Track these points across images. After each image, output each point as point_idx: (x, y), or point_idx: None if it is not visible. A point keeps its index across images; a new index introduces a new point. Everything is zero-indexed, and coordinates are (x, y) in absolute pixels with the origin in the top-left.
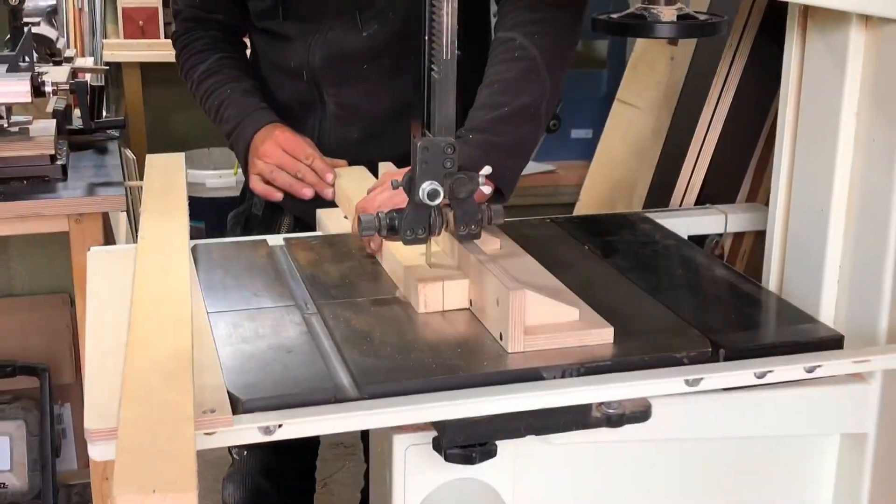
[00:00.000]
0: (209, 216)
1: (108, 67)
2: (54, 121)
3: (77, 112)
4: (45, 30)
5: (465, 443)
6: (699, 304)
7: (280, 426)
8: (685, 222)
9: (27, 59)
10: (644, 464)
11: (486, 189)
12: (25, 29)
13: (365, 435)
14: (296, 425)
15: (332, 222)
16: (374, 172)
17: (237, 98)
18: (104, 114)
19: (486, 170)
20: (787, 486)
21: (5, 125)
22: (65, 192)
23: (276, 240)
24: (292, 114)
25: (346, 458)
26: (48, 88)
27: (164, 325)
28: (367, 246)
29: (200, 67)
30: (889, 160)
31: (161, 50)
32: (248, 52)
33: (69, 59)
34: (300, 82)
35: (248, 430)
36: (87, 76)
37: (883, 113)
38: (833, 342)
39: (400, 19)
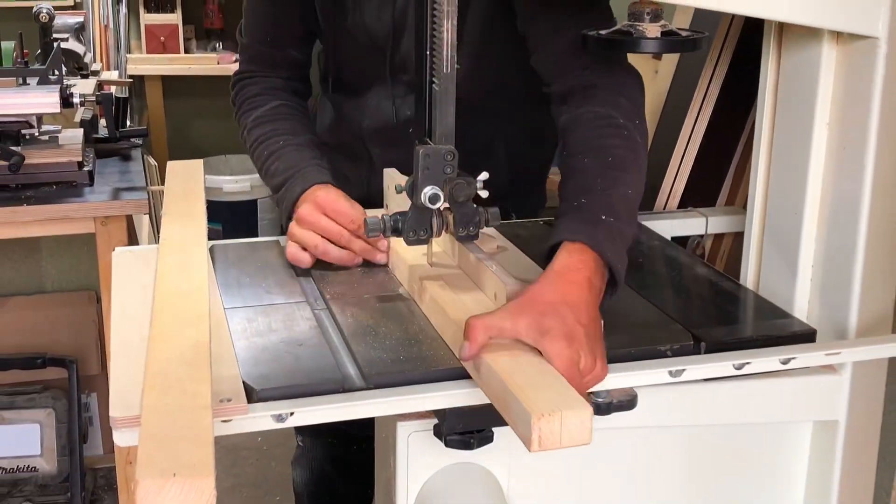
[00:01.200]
0: (226, 218)
1: (131, 80)
2: (82, 130)
3: (103, 122)
4: (73, 45)
5: (464, 429)
6: (682, 301)
7: (292, 414)
8: (669, 224)
9: (56, 72)
10: (630, 449)
11: (483, 194)
12: (55, 44)
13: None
14: (306, 413)
15: None
16: None
17: (289, 151)
18: (128, 123)
19: (484, 175)
20: (764, 469)
21: (36, 134)
22: (91, 196)
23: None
24: (342, 162)
25: None
26: (76, 100)
27: (184, 320)
28: (374, 257)
29: (254, 113)
30: (859, 167)
31: (181, 64)
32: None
33: (95, 73)
34: (350, 138)
35: (262, 418)
36: (112, 88)
37: (853, 123)
38: (806, 336)
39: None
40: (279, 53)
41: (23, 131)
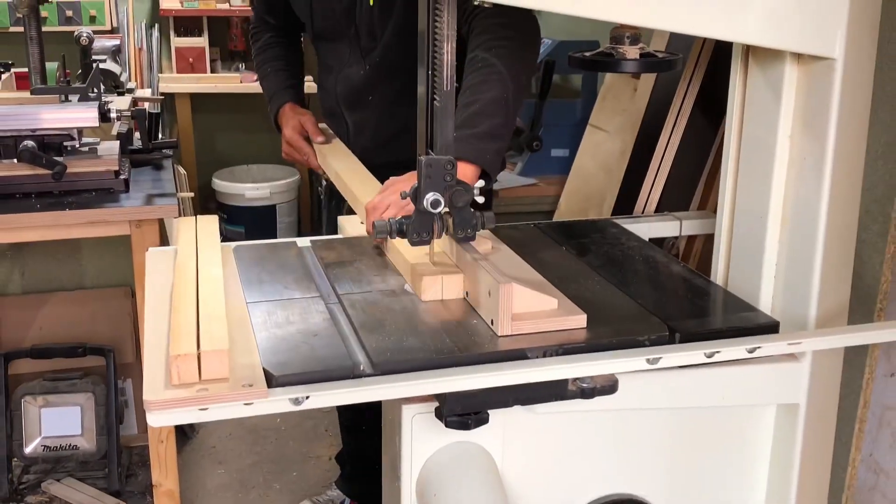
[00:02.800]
0: (248, 222)
1: (163, 97)
2: (118, 142)
3: (137, 135)
4: (110, 66)
5: (463, 412)
6: (658, 296)
7: (307, 397)
8: (647, 227)
9: (95, 90)
10: (612, 430)
11: (480, 199)
12: (94, 65)
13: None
14: (320, 397)
15: (351, 227)
16: (384, 174)
17: (271, 75)
18: (160, 136)
19: (480, 182)
20: (733, 447)
21: (77, 145)
22: (127, 201)
23: (303, 241)
24: (330, 122)
25: None
26: (113, 115)
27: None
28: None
29: (257, 45)
30: (818, 175)
31: (208, 83)
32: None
33: (130, 91)
34: (331, 103)
35: (281, 401)
36: (146, 105)
37: (812, 136)
38: (770, 327)
39: (394, 64)
40: (269, 20)
41: (65, 143)
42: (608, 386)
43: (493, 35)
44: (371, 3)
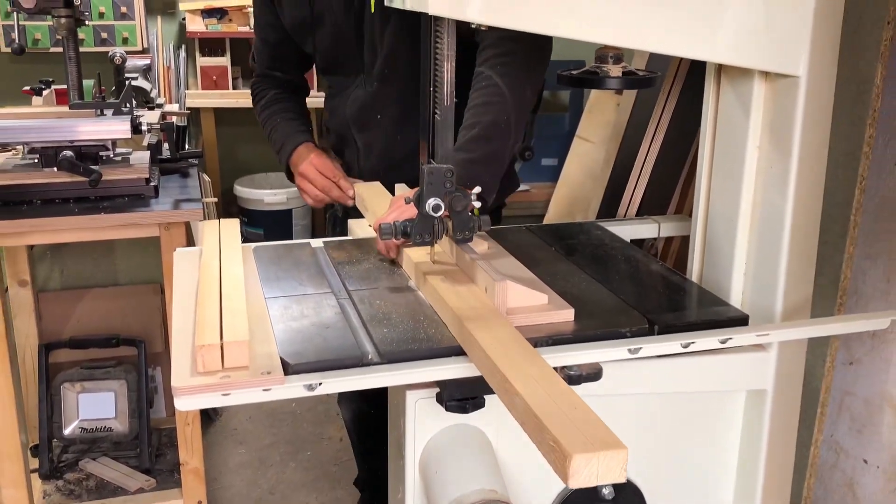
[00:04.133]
0: (266, 224)
1: (189, 112)
2: (148, 152)
3: (166, 145)
4: (141, 83)
5: (461, 397)
6: (639, 291)
7: (320, 384)
8: (628, 229)
9: (128, 105)
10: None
11: (477, 204)
12: (127, 82)
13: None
14: (332, 383)
15: (360, 229)
16: (393, 193)
17: (281, 124)
18: (186, 147)
19: (477, 189)
20: (707, 429)
21: (111, 155)
22: (156, 206)
23: (317, 242)
24: (340, 149)
25: None
26: (144, 128)
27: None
28: (387, 253)
29: (261, 102)
30: (783, 182)
31: (230, 98)
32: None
33: (160, 105)
34: (341, 127)
35: (296, 387)
36: (174, 118)
37: (778, 146)
38: (740, 320)
39: (397, 79)
40: (272, 73)
41: (100, 153)
42: (593, 373)
43: (500, 50)
44: (373, 10)
